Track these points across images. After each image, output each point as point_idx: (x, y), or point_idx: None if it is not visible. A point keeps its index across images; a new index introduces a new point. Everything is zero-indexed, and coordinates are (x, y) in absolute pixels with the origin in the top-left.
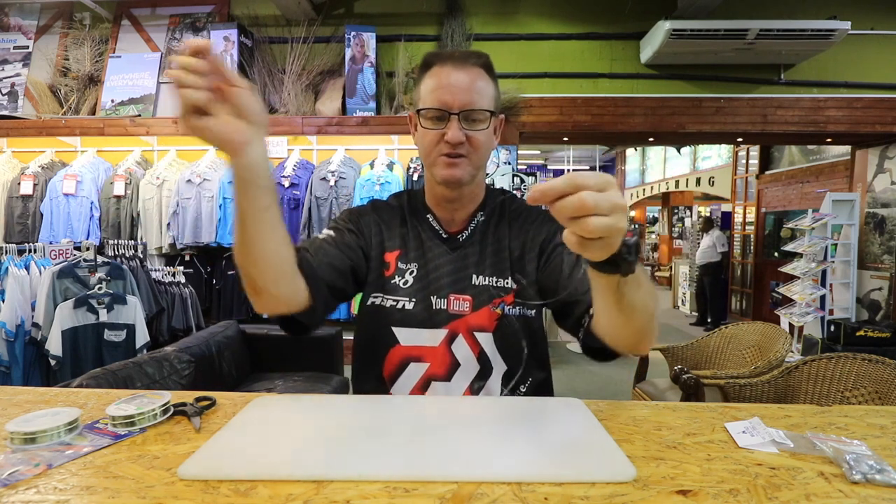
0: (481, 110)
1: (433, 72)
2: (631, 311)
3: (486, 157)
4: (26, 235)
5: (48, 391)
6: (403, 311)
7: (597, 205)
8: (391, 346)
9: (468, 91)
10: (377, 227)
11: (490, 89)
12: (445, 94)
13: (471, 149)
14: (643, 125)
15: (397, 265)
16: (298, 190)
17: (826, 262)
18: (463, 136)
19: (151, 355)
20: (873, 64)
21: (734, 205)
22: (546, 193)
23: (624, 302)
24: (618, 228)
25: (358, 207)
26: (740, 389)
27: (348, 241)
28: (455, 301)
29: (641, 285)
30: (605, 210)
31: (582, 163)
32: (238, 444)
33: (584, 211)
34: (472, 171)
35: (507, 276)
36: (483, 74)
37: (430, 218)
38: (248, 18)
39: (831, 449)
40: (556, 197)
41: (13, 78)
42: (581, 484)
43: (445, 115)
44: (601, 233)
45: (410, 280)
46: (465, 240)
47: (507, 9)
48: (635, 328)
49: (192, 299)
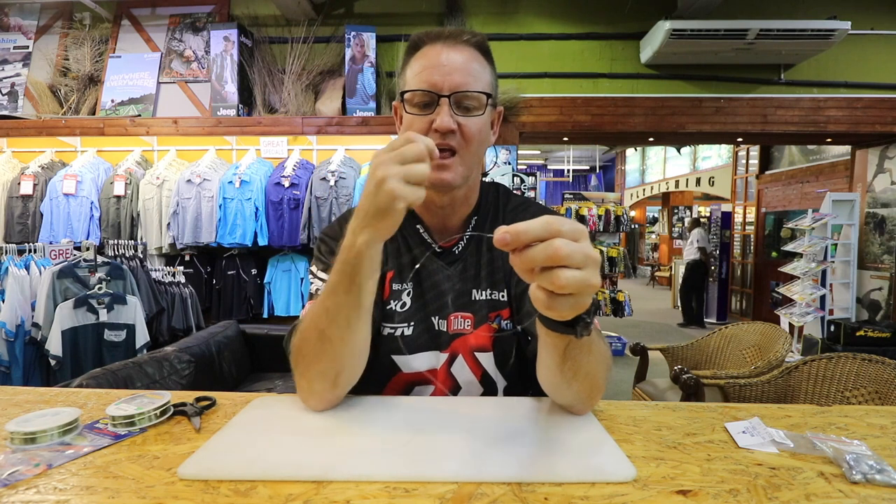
0: (476, 93)
1: (421, 52)
2: (572, 375)
3: (481, 154)
4: (26, 235)
5: (48, 391)
6: (403, 337)
7: (570, 255)
8: (393, 375)
9: (461, 71)
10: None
11: (486, 74)
12: (434, 75)
13: (462, 142)
14: (643, 125)
15: (391, 287)
16: (298, 190)
17: (826, 262)
18: (454, 123)
19: (151, 355)
20: (873, 64)
21: (734, 205)
22: (520, 236)
23: (566, 366)
24: (590, 284)
25: (338, 229)
26: (740, 389)
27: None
28: (455, 319)
29: (592, 351)
30: (579, 262)
31: (582, 162)
32: (238, 444)
33: (557, 261)
34: (465, 173)
35: (502, 289)
36: (478, 55)
37: (420, 229)
38: (248, 18)
39: (831, 449)
40: (530, 240)
41: (13, 78)
42: (581, 484)
43: (434, 99)
44: (573, 287)
45: (408, 302)
46: (460, 252)
47: (507, 9)
48: (573, 392)
49: (192, 299)
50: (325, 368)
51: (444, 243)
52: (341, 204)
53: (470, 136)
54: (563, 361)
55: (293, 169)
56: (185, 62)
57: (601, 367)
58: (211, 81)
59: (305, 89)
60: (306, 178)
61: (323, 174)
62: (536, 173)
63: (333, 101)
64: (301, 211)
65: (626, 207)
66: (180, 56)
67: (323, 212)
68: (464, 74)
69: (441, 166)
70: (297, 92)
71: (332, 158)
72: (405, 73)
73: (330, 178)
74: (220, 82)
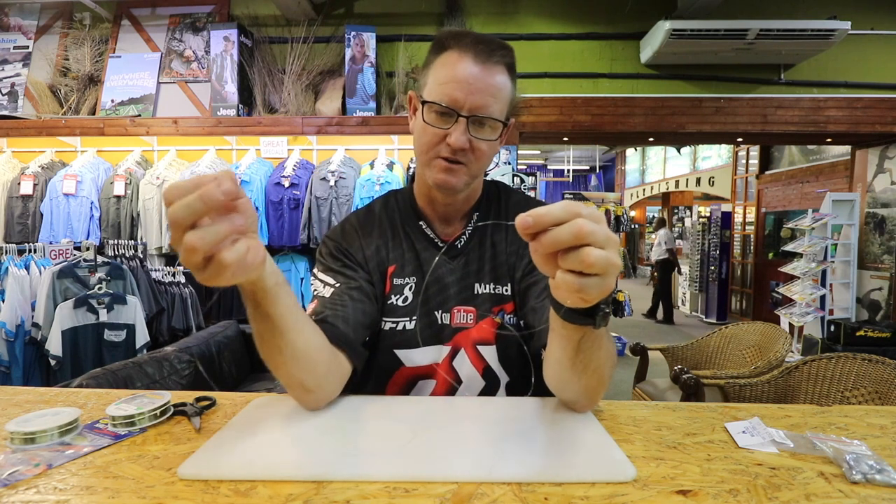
0: (493, 119)
1: (449, 57)
2: (582, 369)
3: (487, 165)
4: (26, 235)
5: (48, 391)
6: (405, 332)
7: (594, 232)
8: (395, 370)
9: (483, 92)
10: (371, 248)
11: (508, 92)
12: (457, 91)
13: (472, 157)
14: (643, 125)
15: (392, 282)
16: (298, 190)
17: (826, 262)
18: (467, 141)
19: (151, 355)
20: (873, 64)
21: (734, 205)
22: (542, 218)
23: (578, 359)
24: (614, 264)
25: (340, 232)
26: (740, 389)
27: (355, 285)
28: (458, 313)
29: (602, 346)
30: (602, 241)
31: (582, 162)
32: (238, 444)
33: (581, 238)
34: (469, 180)
35: (506, 283)
36: (504, 73)
37: (423, 224)
38: (248, 18)
39: (831, 449)
40: (552, 222)
41: (13, 78)
42: (581, 484)
43: (453, 115)
44: (601, 266)
45: (410, 296)
46: (463, 246)
47: (507, 9)
48: (581, 387)
49: (192, 299)
50: (286, 380)
51: (446, 237)
52: (341, 204)
53: (480, 154)
54: (576, 354)
55: (293, 169)
56: (185, 62)
57: (608, 362)
58: (211, 81)
59: (305, 89)
60: (306, 178)
61: (323, 174)
62: (536, 173)
63: (333, 101)
64: (301, 211)
65: (626, 207)
66: (180, 56)
67: (323, 212)
68: (485, 96)
69: (448, 170)
70: (297, 92)
71: (332, 158)
72: (429, 70)
73: (330, 178)
74: (220, 82)
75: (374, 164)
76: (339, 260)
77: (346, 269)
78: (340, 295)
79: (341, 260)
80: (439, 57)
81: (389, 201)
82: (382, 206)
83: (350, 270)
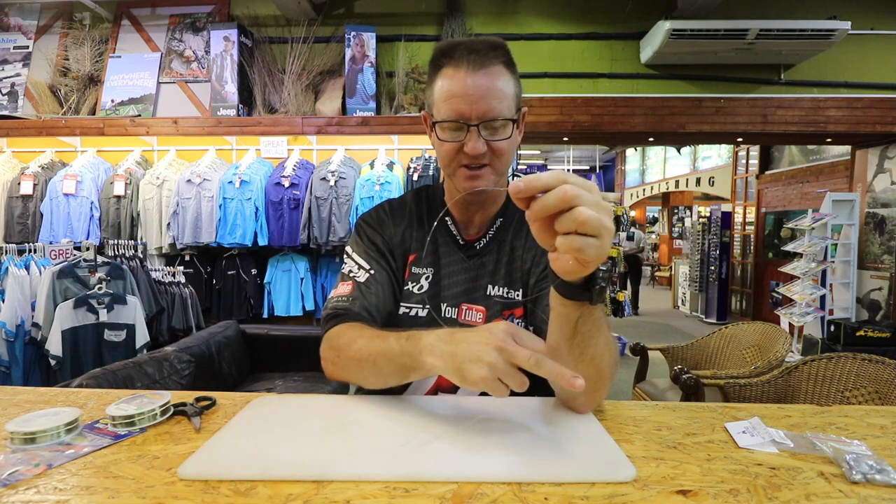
0: (503, 119)
1: (446, 73)
2: (579, 354)
3: (511, 160)
4: (26, 235)
5: (48, 391)
6: (416, 318)
7: (579, 195)
8: None
9: (486, 98)
10: (399, 235)
11: (510, 88)
12: (461, 105)
13: (493, 157)
14: (643, 125)
15: (411, 270)
16: (298, 190)
17: (826, 262)
18: (484, 146)
19: (151, 355)
20: (873, 64)
21: (734, 205)
22: (531, 183)
23: (575, 341)
24: (605, 226)
25: (376, 217)
26: (740, 389)
27: (385, 273)
28: (467, 311)
29: (600, 333)
30: (591, 204)
31: (582, 162)
32: (238, 444)
33: (567, 202)
34: (496, 179)
35: (518, 288)
36: (503, 72)
37: (448, 221)
38: (248, 18)
39: (831, 449)
40: (541, 188)
41: (13, 78)
42: (581, 484)
43: (464, 127)
44: (592, 225)
45: (426, 285)
46: (482, 248)
47: (507, 9)
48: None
49: (192, 299)
50: (353, 380)
51: (467, 237)
52: (341, 204)
53: (500, 152)
54: (573, 335)
55: (293, 169)
56: (185, 62)
57: (607, 354)
58: (211, 81)
59: (305, 89)
60: (306, 178)
61: (323, 174)
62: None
63: (333, 101)
64: (301, 211)
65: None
66: (180, 56)
67: (323, 212)
68: (489, 101)
69: (475, 176)
70: (297, 92)
71: (332, 158)
72: (432, 87)
73: (330, 178)
74: (220, 82)
75: (374, 164)
76: (374, 245)
77: (381, 256)
78: (374, 283)
79: (376, 245)
80: (437, 75)
81: (421, 194)
82: (414, 197)
83: (382, 259)
